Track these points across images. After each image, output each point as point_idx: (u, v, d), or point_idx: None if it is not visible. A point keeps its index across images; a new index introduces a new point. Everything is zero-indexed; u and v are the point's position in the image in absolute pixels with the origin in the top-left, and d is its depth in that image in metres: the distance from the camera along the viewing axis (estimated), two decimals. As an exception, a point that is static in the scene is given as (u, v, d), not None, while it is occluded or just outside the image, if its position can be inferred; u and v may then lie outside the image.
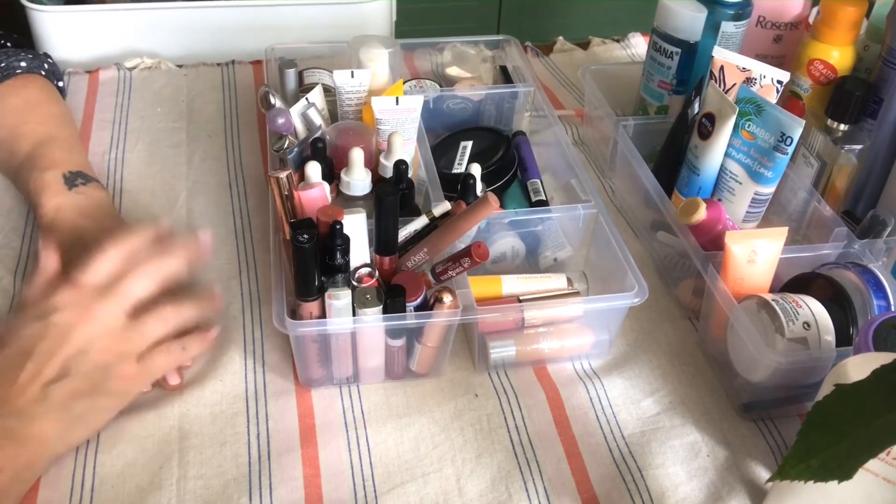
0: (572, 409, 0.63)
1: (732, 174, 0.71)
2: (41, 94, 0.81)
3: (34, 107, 0.79)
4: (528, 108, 0.86)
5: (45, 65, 0.84)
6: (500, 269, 0.71)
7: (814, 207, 0.72)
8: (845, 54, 0.76)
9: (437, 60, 0.97)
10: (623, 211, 0.83)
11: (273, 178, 0.58)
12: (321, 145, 0.69)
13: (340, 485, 0.57)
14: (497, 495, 0.57)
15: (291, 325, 0.57)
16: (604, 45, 1.12)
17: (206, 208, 0.79)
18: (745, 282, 0.63)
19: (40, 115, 0.79)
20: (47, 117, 0.79)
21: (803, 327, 0.57)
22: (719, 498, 0.57)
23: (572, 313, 0.65)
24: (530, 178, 0.78)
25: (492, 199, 0.58)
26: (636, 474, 0.58)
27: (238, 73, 0.99)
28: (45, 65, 0.84)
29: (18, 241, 0.73)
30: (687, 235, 0.67)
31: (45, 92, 0.82)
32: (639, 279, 0.62)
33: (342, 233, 0.56)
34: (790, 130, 0.66)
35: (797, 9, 0.83)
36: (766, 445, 0.61)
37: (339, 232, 0.56)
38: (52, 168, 0.71)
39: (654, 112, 0.88)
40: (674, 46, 0.82)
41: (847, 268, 0.63)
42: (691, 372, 0.66)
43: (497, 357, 0.63)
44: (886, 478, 0.46)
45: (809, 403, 0.55)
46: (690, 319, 0.71)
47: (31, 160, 0.73)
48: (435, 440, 0.60)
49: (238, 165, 0.84)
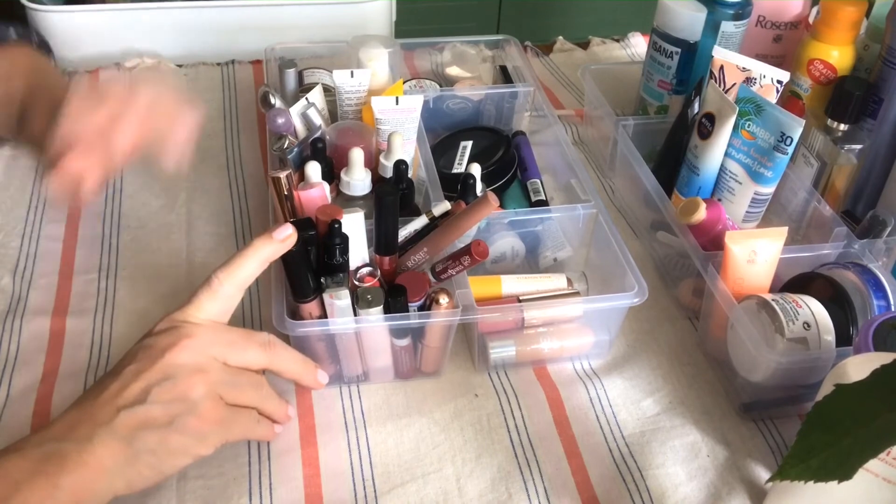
0: (572, 409, 0.63)
1: (732, 174, 0.71)
2: (33, 60, 0.75)
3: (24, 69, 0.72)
4: (528, 108, 0.86)
5: (33, 38, 0.81)
6: (500, 269, 0.71)
7: (814, 207, 0.72)
8: (845, 54, 0.76)
9: (437, 60, 0.97)
10: (623, 211, 0.83)
11: (273, 177, 0.58)
12: (321, 145, 0.69)
13: (340, 485, 0.57)
14: (497, 495, 0.57)
15: (291, 325, 0.57)
16: (604, 45, 1.12)
17: (206, 208, 0.79)
18: (745, 282, 0.63)
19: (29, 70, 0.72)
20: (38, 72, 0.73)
21: (803, 327, 0.57)
22: (719, 498, 0.57)
23: (572, 313, 0.65)
24: (530, 178, 0.78)
25: (491, 199, 0.58)
26: (636, 474, 0.58)
27: (238, 73, 0.99)
28: (35, 37, 0.81)
29: (18, 240, 0.73)
30: (687, 235, 0.67)
31: (37, 60, 0.76)
32: (639, 279, 0.62)
33: (341, 232, 0.56)
34: (790, 130, 0.66)
35: (797, 9, 0.83)
36: (766, 445, 0.61)
37: (338, 231, 0.56)
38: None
39: (654, 112, 0.88)
40: (674, 46, 0.82)
41: (847, 268, 0.63)
42: (691, 372, 0.66)
43: (497, 357, 0.63)
44: (886, 478, 0.46)
45: (809, 403, 0.55)
46: (690, 319, 0.71)
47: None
48: (435, 440, 0.60)
49: (238, 165, 0.84)
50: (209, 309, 0.54)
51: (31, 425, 0.58)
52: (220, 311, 0.55)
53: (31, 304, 0.68)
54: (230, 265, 0.54)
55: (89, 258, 0.72)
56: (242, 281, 0.55)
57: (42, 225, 0.75)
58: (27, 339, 0.65)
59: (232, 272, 0.54)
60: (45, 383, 0.61)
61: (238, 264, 0.54)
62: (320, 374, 0.59)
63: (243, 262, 0.54)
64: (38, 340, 0.65)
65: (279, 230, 0.54)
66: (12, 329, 0.65)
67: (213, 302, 0.54)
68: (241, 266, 0.54)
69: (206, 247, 0.75)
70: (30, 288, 0.69)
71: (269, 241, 0.54)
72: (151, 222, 0.77)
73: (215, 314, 0.55)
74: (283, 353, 0.56)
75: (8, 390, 0.61)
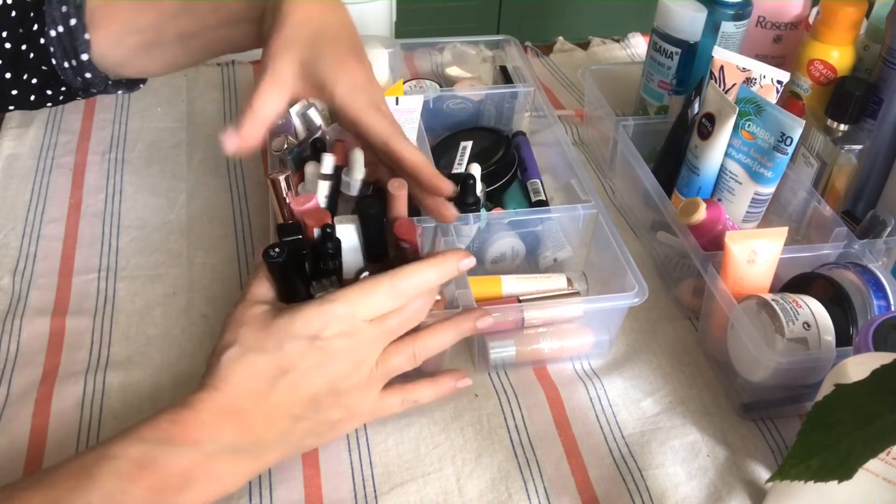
0: (572, 409, 0.63)
1: (732, 174, 0.71)
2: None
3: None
4: (528, 109, 0.86)
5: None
6: (500, 269, 0.71)
7: (814, 207, 0.72)
8: (845, 54, 0.76)
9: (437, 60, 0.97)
10: (623, 211, 0.83)
11: (272, 179, 0.58)
12: (321, 146, 0.69)
13: (340, 485, 0.57)
14: (497, 495, 0.57)
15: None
16: (604, 45, 1.12)
17: (206, 208, 0.79)
18: (745, 282, 0.63)
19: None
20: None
21: (803, 327, 0.57)
22: (719, 498, 0.57)
23: (572, 313, 0.65)
24: (530, 178, 0.78)
25: (393, 188, 0.58)
26: (636, 474, 0.58)
27: (238, 73, 0.99)
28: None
29: (18, 240, 0.73)
30: (687, 235, 0.67)
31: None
32: (639, 279, 0.62)
33: (332, 236, 0.56)
34: (790, 130, 0.66)
35: (797, 9, 0.83)
36: (766, 445, 0.61)
37: (329, 235, 0.55)
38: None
39: (654, 112, 0.88)
40: (674, 46, 0.82)
41: (847, 268, 0.63)
42: (691, 372, 0.66)
43: (497, 357, 0.63)
44: (886, 478, 0.46)
45: (809, 403, 0.55)
46: (690, 319, 0.71)
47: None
48: (435, 440, 0.60)
49: (238, 166, 0.84)
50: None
51: (31, 425, 0.58)
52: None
53: (31, 303, 0.68)
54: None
55: (89, 258, 0.72)
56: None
57: (42, 225, 0.75)
58: (27, 339, 0.65)
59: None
60: (45, 383, 0.61)
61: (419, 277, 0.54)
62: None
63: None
64: (38, 340, 0.65)
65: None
66: (12, 329, 0.65)
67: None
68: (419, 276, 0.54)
69: (205, 247, 0.75)
70: (30, 288, 0.69)
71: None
72: (151, 222, 0.77)
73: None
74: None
75: (8, 390, 0.61)
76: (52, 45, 0.62)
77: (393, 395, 0.56)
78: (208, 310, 0.68)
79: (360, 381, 0.53)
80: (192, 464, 0.48)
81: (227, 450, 0.49)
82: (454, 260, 0.55)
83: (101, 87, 0.66)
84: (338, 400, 0.53)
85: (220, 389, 0.50)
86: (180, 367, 0.64)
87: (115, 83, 0.67)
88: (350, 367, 0.52)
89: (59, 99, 0.67)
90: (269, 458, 0.52)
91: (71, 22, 0.61)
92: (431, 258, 0.55)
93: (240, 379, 0.50)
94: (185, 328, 0.67)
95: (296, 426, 0.52)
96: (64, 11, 0.61)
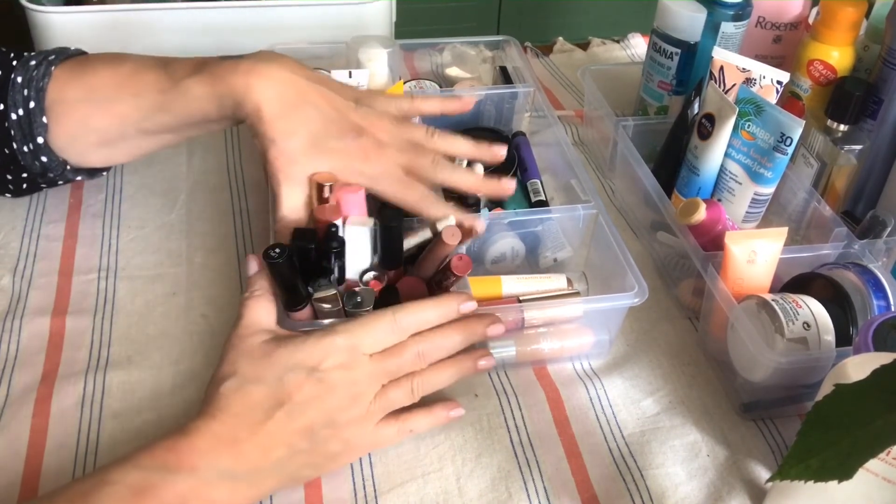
0: (572, 409, 0.63)
1: (732, 174, 0.71)
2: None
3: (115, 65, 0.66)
4: (527, 109, 0.86)
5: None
6: (500, 269, 0.71)
7: (814, 208, 0.72)
8: (845, 55, 0.76)
9: (436, 61, 0.97)
10: (623, 211, 0.83)
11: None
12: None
13: (340, 485, 0.57)
14: (497, 495, 0.57)
15: (289, 325, 0.57)
16: (604, 46, 1.12)
17: (206, 209, 0.79)
18: (745, 282, 0.63)
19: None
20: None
21: (803, 327, 0.57)
22: (719, 498, 0.57)
23: (572, 313, 0.65)
24: (530, 178, 0.78)
25: (447, 237, 0.59)
26: (636, 474, 0.58)
27: (238, 74, 0.99)
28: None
29: (18, 240, 0.73)
30: (687, 235, 0.67)
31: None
32: (639, 279, 0.62)
33: (337, 235, 0.56)
34: (790, 131, 0.66)
35: (797, 9, 0.83)
36: (766, 445, 0.61)
37: (334, 234, 0.55)
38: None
39: (653, 112, 0.88)
40: (673, 47, 0.82)
41: (847, 268, 0.63)
42: (691, 372, 0.66)
43: (497, 357, 0.63)
44: (886, 478, 0.46)
45: (809, 403, 0.55)
46: (690, 319, 0.71)
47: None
48: (435, 440, 0.60)
49: (238, 166, 0.84)
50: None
51: (31, 425, 0.58)
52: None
53: (31, 303, 0.68)
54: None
55: (89, 258, 0.72)
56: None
57: (42, 225, 0.75)
58: (27, 339, 0.65)
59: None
60: (45, 383, 0.61)
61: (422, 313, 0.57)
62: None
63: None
64: (38, 340, 0.65)
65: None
66: (12, 329, 0.65)
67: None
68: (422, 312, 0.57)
69: (206, 247, 0.75)
70: (30, 287, 0.69)
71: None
72: (151, 222, 0.77)
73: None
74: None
75: (8, 390, 0.61)
76: (13, 129, 0.63)
77: (389, 426, 0.56)
78: (208, 310, 0.68)
79: (358, 414, 0.54)
80: (188, 490, 0.48)
81: (224, 476, 0.49)
82: (455, 303, 0.57)
83: (58, 171, 0.67)
84: (335, 432, 0.53)
85: (217, 419, 0.50)
86: (180, 367, 0.64)
87: (75, 170, 0.69)
88: (348, 399, 0.53)
89: (22, 187, 0.69)
90: (266, 487, 0.52)
91: (30, 105, 0.62)
92: (435, 298, 0.57)
93: (237, 409, 0.51)
94: (185, 328, 0.67)
95: (293, 456, 0.52)
96: (25, 95, 0.62)
